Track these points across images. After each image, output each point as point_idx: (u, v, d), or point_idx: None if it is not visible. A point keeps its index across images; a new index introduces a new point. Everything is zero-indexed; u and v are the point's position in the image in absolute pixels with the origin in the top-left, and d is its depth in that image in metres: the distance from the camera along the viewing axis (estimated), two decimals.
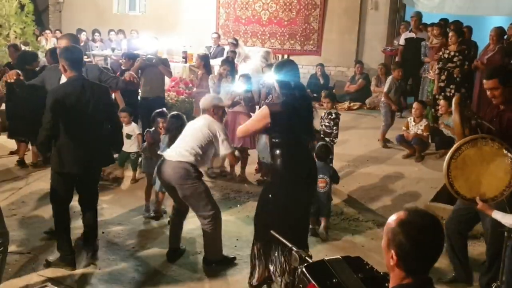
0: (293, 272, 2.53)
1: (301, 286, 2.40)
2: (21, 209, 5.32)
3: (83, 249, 4.32)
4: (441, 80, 7.30)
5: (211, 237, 4.28)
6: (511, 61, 7.30)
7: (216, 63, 8.77)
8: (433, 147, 7.02)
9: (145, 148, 5.41)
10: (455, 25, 8.10)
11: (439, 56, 7.67)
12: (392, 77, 7.94)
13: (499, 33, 7.35)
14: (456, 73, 7.14)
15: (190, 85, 8.72)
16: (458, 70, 7.07)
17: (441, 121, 7.02)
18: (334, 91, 8.73)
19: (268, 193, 3.85)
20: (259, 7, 12.01)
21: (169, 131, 4.92)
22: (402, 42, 9.51)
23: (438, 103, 7.29)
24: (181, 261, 4.43)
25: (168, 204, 5.28)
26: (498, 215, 3.15)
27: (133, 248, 4.64)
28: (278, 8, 11.80)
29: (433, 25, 8.88)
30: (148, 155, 5.37)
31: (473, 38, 8.72)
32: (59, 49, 4.32)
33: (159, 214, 5.31)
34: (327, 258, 2.44)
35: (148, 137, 5.38)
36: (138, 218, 5.29)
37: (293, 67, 3.85)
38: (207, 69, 7.27)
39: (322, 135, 5.93)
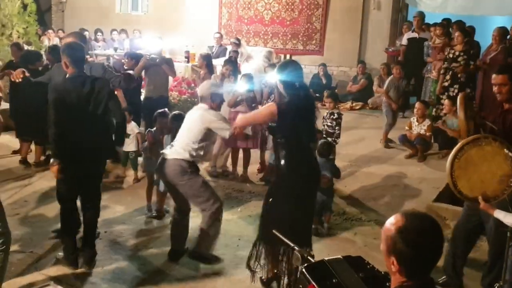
0: (295, 271, 2.53)
1: (300, 286, 2.40)
2: (24, 208, 5.33)
3: (82, 249, 4.27)
4: (445, 80, 7.28)
5: (210, 231, 4.28)
6: None
7: (218, 63, 8.76)
8: (436, 147, 7.02)
9: (146, 147, 5.39)
10: (459, 25, 8.08)
11: (444, 56, 7.66)
12: (391, 76, 7.94)
13: (502, 33, 7.34)
14: (459, 72, 7.11)
15: (192, 85, 8.71)
16: (461, 69, 7.05)
17: (442, 120, 7.00)
18: (336, 91, 8.74)
19: (272, 193, 3.87)
20: (262, 7, 12.01)
21: (171, 131, 4.92)
22: (404, 42, 9.50)
23: (441, 103, 7.27)
24: (183, 260, 4.42)
25: (171, 204, 5.28)
26: (500, 215, 3.15)
27: (136, 247, 4.65)
28: (280, 8, 11.80)
29: (435, 25, 8.87)
30: (148, 155, 5.36)
31: (475, 38, 8.70)
32: (61, 47, 4.33)
33: (161, 213, 5.32)
34: (327, 258, 2.43)
35: (149, 137, 5.36)
36: (140, 217, 5.29)
37: (296, 67, 3.86)
38: (209, 69, 7.27)
39: (324, 135, 5.94)
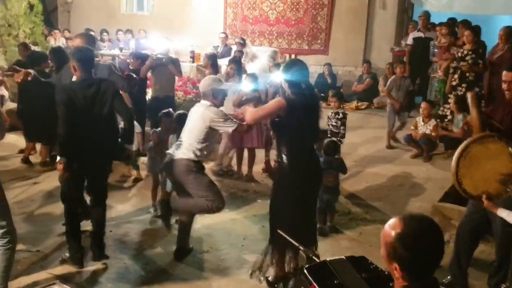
0: (300, 272, 2.52)
1: (302, 287, 2.39)
2: (30, 207, 5.34)
3: (91, 248, 4.31)
4: (454, 79, 7.24)
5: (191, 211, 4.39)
6: None
7: (223, 62, 8.77)
8: (441, 147, 6.98)
9: (151, 147, 5.40)
10: (466, 24, 8.00)
11: (449, 55, 7.62)
12: (393, 76, 7.91)
13: (509, 32, 7.27)
14: (466, 71, 7.06)
15: (197, 84, 8.70)
16: (468, 68, 7.00)
17: (446, 124, 6.98)
18: (341, 90, 8.70)
19: (274, 192, 3.90)
20: (267, 7, 11.99)
21: (176, 130, 4.93)
22: (410, 41, 9.46)
23: (448, 102, 7.24)
24: (188, 260, 4.42)
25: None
26: (503, 213, 3.13)
27: (140, 246, 4.64)
28: (285, 7, 11.78)
29: (441, 24, 8.82)
30: (153, 155, 5.36)
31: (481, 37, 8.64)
32: (72, 48, 4.32)
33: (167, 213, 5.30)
34: (329, 259, 2.43)
35: (154, 137, 5.37)
36: (145, 217, 5.29)
37: (302, 66, 3.85)
38: (214, 69, 7.27)
39: (329, 135, 5.92)
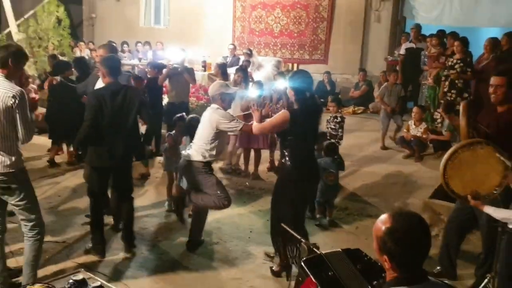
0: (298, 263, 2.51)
1: (300, 279, 2.38)
2: (57, 202, 5.37)
3: (122, 240, 4.33)
4: (445, 86, 7.21)
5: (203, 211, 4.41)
6: None
7: (232, 71, 8.76)
8: (432, 148, 6.94)
9: (166, 148, 5.45)
10: (455, 35, 7.93)
11: (439, 64, 7.58)
12: (385, 83, 7.89)
13: (493, 43, 7.19)
14: (454, 78, 7.02)
15: (208, 91, 8.72)
16: (455, 75, 6.96)
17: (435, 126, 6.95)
18: (339, 96, 8.66)
19: (277, 190, 3.91)
20: (272, 21, 12.00)
21: (187, 132, 4.95)
22: (402, 51, 9.41)
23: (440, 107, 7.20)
24: (199, 251, 4.43)
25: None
26: (489, 210, 3.11)
27: (156, 238, 4.66)
28: (288, 21, 11.77)
29: (432, 36, 8.76)
30: (168, 155, 5.41)
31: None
32: (99, 57, 4.34)
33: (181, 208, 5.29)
34: (325, 252, 2.42)
35: (169, 139, 5.43)
36: (161, 211, 5.30)
37: (307, 76, 3.87)
38: (224, 77, 7.29)
39: (328, 137, 5.90)
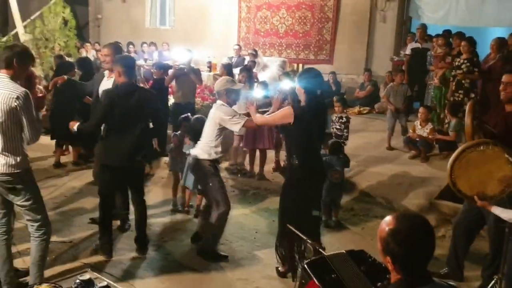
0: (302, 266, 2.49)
1: (303, 281, 2.37)
2: (63, 203, 5.38)
3: (135, 242, 4.30)
4: (452, 86, 7.18)
5: (214, 229, 4.22)
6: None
7: (237, 72, 8.77)
8: (437, 149, 6.90)
9: (172, 148, 5.45)
10: (461, 35, 7.89)
11: (444, 64, 7.55)
12: (391, 83, 7.86)
13: (499, 43, 7.16)
14: (461, 78, 6.99)
15: (214, 91, 8.73)
16: (461, 75, 6.93)
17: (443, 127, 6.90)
18: (345, 96, 8.64)
19: (285, 189, 3.88)
20: (277, 21, 11.99)
21: (191, 132, 4.96)
22: (408, 51, 9.36)
23: None
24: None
25: (194, 199, 5.31)
26: (497, 210, 3.08)
27: (162, 238, 4.66)
28: (294, 21, 11.76)
29: (438, 36, 8.72)
30: (174, 155, 5.40)
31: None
32: (116, 58, 4.29)
33: (187, 209, 5.30)
34: (327, 254, 2.41)
35: (175, 140, 5.43)
36: (166, 211, 5.30)
37: (317, 74, 3.80)
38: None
39: (333, 138, 5.88)
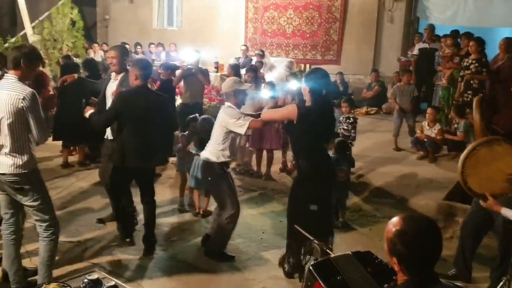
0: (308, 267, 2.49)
1: (309, 283, 2.37)
2: (70, 203, 5.40)
3: (143, 242, 4.30)
4: (461, 86, 7.13)
5: (221, 232, 4.23)
6: None
7: (244, 72, 8.77)
8: (446, 149, 6.86)
9: (180, 149, 5.45)
10: (470, 35, 7.85)
11: (456, 64, 7.53)
12: (398, 83, 7.83)
13: (508, 43, 7.09)
14: (469, 79, 6.95)
15: (221, 92, 8.74)
16: (469, 76, 6.89)
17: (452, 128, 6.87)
18: (352, 97, 8.62)
19: (294, 190, 3.87)
20: (284, 22, 11.99)
21: (198, 133, 4.97)
22: (416, 52, 9.32)
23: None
24: None
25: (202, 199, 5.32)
26: (508, 213, 3.04)
27: (169, 238, 4.67)
28: (301, 22, 11.75)
29: (446, 36, 8.68)
30: (182, 155, 5.42)
31: None
32: (133, 60, 4.31)
33: (198, 211, 5.28)
34: (333, 255, 2.40)
35: (182, 140, 5.44)
36: (174, 212, 5.31)
37: (324, 74, 3.77)
38: None
39: (340, 138, 5.87)
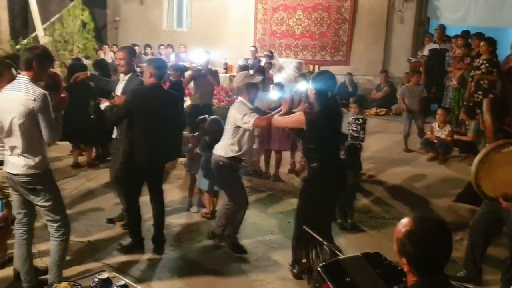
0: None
1: (317, 285, 2.37)
2: (81, 203, 5.45)
3: (152, 241, 4.33)
4: (471, 86, 7.08)
5: (233, 220, 4.32)
6: None
7: (252, 73, 8.78)
8: (456, 151, 6.81)
9: (190, 149, 5.48)
10: (480, 35, 7.78)
11: (467, 65, 7.48)
12: (406, 84, 7.80)
13: None
14: (479, 79, 6.90)
15: (230, 93, 8.78)
16: (479, 76, 6.84)
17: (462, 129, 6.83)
18: (364, 97, 8.60)
19: (303, 191, 3.88)
20: (293, 23, 11.99)
21: (208, 133, 5.00)
22: (426, 52, 9.26)
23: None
24: (220, 253, 4.42)
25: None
26: None
27: (178, 239, 4.68)
28: (310, 23, 11.74)
29: (456, 36, 8.61)
30: (191, 156, 5.45)
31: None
32: (149, 59, 4.35)
33: (206, 212, 5.27)
34: (341, 257, 2.40)
35: (192, 140, 5.47)
36: (183, 212, 5.33)
37: (330, 76, 3.76)
38: None
39: (349, 139, 5.86)
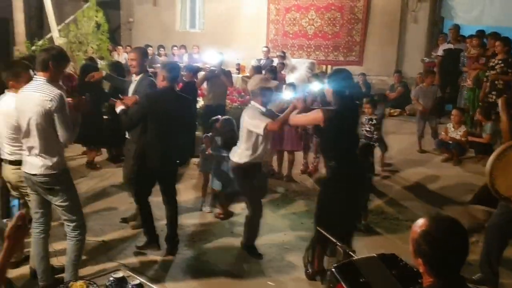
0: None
1: (331, 285, 2.37)
2: (96, 203, 5.49)
3: (166, 242, 4.36)
4: (486, 87, 7.01)
5: (248, 227, 4.37)
6: None
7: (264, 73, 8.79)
8: (472, 152, 6.74)
9: (203, 150, 5.50)
10: (496, 35, 7.71)
11: (482, 65, 7.41)
12: (420, 84, 7.75)
13: None
14: (494, 79, 6.83)
15: (242, 93, 8.80)
16: (494, 76, 6.77)
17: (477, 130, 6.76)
18: (376, 97, 8.54)
19: (321, 191, 3.87)
20: (306, 23, 11.98)
21: (221, 133, 5.01)
22: (440, 52, 9.19)
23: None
24: (233, 254, 4.42)
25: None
26: None
27: (192, 239, 4.70)
28: (323, 23, 11.72)
29: (472, 36, 8.53)
30: (205, 156, 5.47)
31: None
32: (163, 62, 4.39)
33: (220, 213, 5.28)
34: (355, 258, 2.40)
35: (206, 141, 5.48)
36: (196, 212, 5.35)
37: (348, 75, 3.72)
38: None
39: (365, 141, 5.83)
